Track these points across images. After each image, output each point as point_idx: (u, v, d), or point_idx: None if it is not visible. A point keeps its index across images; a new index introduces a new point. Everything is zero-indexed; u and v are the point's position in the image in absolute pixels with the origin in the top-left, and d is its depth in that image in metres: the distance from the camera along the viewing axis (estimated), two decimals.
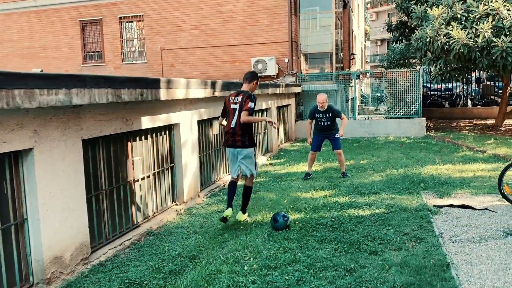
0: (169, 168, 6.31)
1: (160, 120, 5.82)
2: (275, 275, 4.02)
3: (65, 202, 4.14)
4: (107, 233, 4.97)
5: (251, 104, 5.44)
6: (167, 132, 6.22)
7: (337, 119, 8.18)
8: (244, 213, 5.74)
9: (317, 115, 8.08)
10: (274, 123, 6.01)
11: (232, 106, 5.56)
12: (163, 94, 5.26)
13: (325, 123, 8.08)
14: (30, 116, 3.75)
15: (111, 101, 4.32)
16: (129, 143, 5.34)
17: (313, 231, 5.19)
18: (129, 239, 5.09)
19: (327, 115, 8.02)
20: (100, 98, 4.16)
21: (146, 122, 5.49)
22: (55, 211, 4.02)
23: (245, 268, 4.21)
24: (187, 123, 6.55)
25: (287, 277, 3.96)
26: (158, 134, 6.00)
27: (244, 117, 5.41)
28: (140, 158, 5.55)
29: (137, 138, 5.50)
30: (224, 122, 5.83)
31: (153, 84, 5.06)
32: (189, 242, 5.03)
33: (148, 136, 5.75)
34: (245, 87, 5.69)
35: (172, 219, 5.94)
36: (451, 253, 4.41)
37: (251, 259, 4.43)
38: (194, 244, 4.93)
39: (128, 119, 5.13)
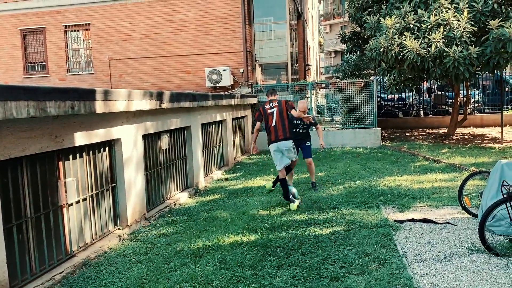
0: (110, 188, 5.68)
1: (98, 135, 5.22)
2: None
3: None
4: (33, 268, 4.31)
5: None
6: (106, 148, 5.61)
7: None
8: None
9: (294, 121, 7.89)
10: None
11: (269, 110, 6.78)
12: (99, 107, 4.68)
13: (301, 130, 7.98)
14: None
15: (33, 116, 3.71)
16: (60, 163, 4.71)
17: (270, 255, 4.75)
18: (60, 273, 4.44)
19: (304, 122, 7.91)
20: (18, 112, 3.55)
21: (81, 138, 4.88)
22: None
23: None
24: (130, 138, 5.96)
25: None
26: (96, 151, 5.38)
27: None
28: (74, 179, 4.92)
29: (70, 157, 4.87)
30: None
31: (87, 95, 4.48)
32: (131, 273, 4.45)
33: (84, 153, 5.13)
34: (274, 98, 6.93)
35: (113, 246, 5.32)
36: (417, 275, 4.08)
37: None
38: (136, 276, 4.36)
39: (58, 135, 4.51)
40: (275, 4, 15.56)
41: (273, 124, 6.65)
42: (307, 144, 8.03)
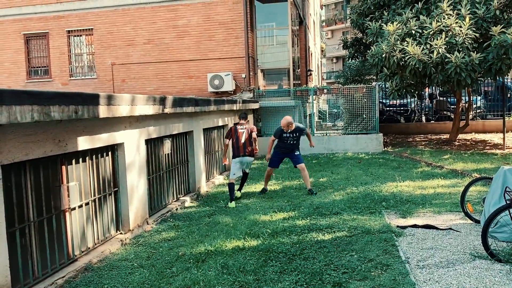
0: (113, 193, 5.69)
1: (101, 140, 5.24)
2: None
3: None
4: (36, 272, 4.31)
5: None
6: (109, 153, 5.62)
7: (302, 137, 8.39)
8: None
9: (284, 135, 8.08)
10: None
11: (240, 130, 7.85)
12: (102, 112, 4.69)
13: (292, 142, 8.14)
14: None
15: (37, 120, 3.73)
16: (63, 167, 4.72)
17: (272, 260, 4.74)
18: (63, 277, 4.44)
19: (294, 135, 8.08)
20: (23, 116, 3.57)
21: (84, 142, 4.89)
22: None
23: None
24: (133, 142, 5.98)
25: None
26: (99, 155, 5.40)
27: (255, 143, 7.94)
28: (77, 184, 4.93)
29: (73, 161, 4.89)
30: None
31: (91, 100, 4.49)
32: (133, 278, 4.45)
33: (87, 158, 5.15)
34: (244, 122, 8.00)
35: (115, 251, 5.32)
36: (420, 281, 4.07)
37: None
38: (138, 281, 4.35)
39: (62, 139, 4.53)
40: (277, 10, 15.61)
41: (243, 141, 7.76)
42: (295, 153, 8.21)
